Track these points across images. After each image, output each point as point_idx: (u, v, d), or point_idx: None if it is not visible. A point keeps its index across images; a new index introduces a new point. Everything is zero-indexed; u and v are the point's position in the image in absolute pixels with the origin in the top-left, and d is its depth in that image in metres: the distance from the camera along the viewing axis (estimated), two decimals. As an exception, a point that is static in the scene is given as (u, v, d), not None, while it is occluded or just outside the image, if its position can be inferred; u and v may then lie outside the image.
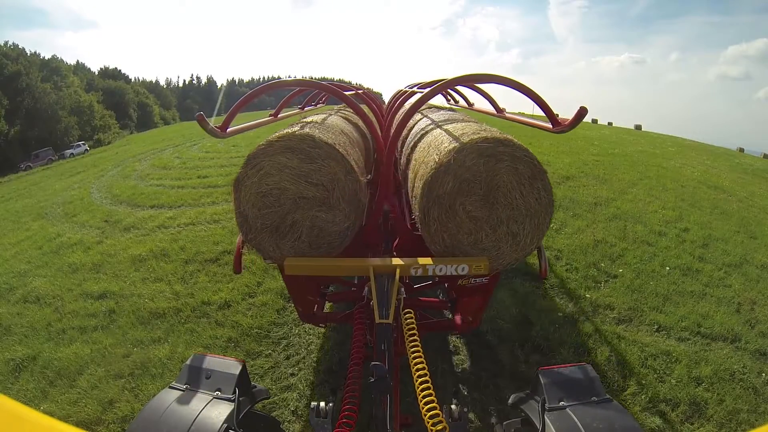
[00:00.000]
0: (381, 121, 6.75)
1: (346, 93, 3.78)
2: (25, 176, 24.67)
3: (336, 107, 5.66)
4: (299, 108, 5.72)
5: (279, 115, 4.33)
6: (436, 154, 2.60)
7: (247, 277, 5.29)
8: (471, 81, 3.27)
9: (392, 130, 4.27)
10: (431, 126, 3.42)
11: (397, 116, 4.53)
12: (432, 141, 2.94)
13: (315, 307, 3.96)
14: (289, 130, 2.78)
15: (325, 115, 3.78)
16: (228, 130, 3.19)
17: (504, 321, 4.36)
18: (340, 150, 2.74)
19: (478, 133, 2.58)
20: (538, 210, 2.71)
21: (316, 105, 6.46)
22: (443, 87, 3.10)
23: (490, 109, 4.42)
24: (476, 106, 5.09)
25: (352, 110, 3.30)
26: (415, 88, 4.95)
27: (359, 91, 5.32)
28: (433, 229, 2.63)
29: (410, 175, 3.08)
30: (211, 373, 1.96)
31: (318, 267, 3.00)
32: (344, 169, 2.72)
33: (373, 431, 2.13)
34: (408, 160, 3.42)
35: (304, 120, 3.46)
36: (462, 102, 5.67)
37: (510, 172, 2.60)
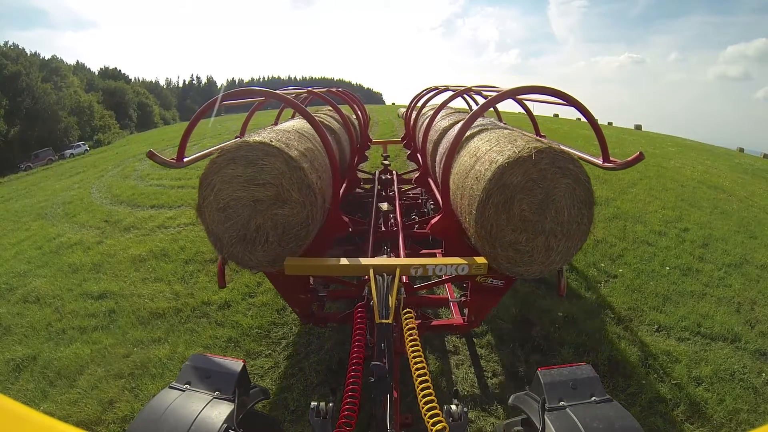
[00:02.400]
0: (364, 115, 7.04)
1: (282, 91, 3.85)
2: (25, 176, 24.67)
3: (315, 110, 5.76)
4: (273, 124, 5.71)
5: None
6: (513, 146, 2.68)
7: (247, 277, 5.28)
8: (533, 92, 3.30)
9: (433, 126, 4.33)
10: (491, 126, 3.51)
11: (440, 116, 4.59)
12: (501, 136, 3.04)
13: (315, 306, 3.97)
14: (229, 143, 2.93)
15: (285, 123, 3.80)
16: (185, 159, 3.32)
17: (504, 321, 4.36)
18: (276, 144, 2.83)
19: (554, 144, 2.71)
20: (575, 234, 2.85)
21: (293, 116, 6.33)
22: (509, 95, 3.24)
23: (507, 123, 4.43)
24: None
25: (301, 115, 3.38)
26: (481, 88, 4.84)
27: (314, 90, 5.30)
28: (487, 213, 2.68)
29: (465, 160, 3.12)
30: (211, 373, 1.96)
31: (318, 267, 3.01)
32: (284, 161, 2.81)
33: (373, 431, 2.13)
34: (461, 147, 3.50)
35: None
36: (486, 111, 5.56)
37: (568, 191, 2.73)
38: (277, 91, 3.67)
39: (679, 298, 4.90)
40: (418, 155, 5.60)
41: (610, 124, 36.63)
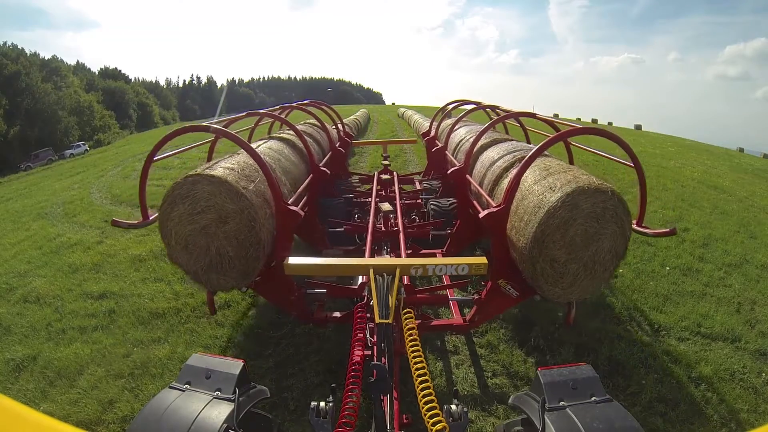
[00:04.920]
0: (337, 120, 8.30)
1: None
2: (25, 176, 24.65)
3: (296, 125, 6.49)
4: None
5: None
6: (589, 178, 3.09)
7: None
8: (586, 133, 3.62)
9: (484, 136, 4.94)
10: (548, 156, 3.91)
11: (484, 137, 5.00)
12: (574, 167, 3.39)
13: (314, 307, 3.97)
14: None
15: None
16: (151, 217, 3.61)
17: (504, 321, 4.36)
18: (199, 172, 3.14)
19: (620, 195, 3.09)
20: (598, 278, 3.16)
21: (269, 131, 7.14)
22: (563, 136, 3.53)
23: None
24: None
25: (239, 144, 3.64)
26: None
27: (263, 111, 6.10)
28: (551, 222, 2.91)
29: (536, 171, 3.41)
30: (211, 373, 1.96)
31: (318, 267, 3.02)
32: (208, 182, 3.11)
33: (373, 431, 2.13)
34: (510, 161, 4.01)
35: None
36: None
37: (612, 237, 3.05)
38: (211, 125, 4.08)
39: (679, 298, 4.89)
40: (447, 153, 6.18)
41: (610, 124, 36.64)
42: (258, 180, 3.47)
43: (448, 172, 5.11)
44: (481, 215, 3.38)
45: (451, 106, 8.03)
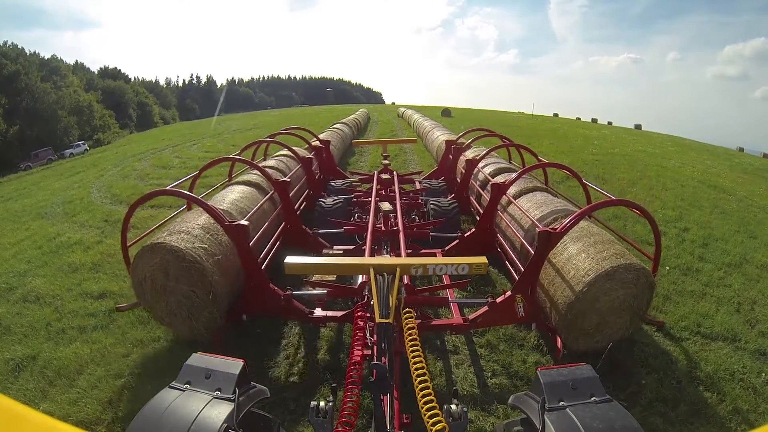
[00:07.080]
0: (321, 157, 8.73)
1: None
2: (25, 176, 24.63)
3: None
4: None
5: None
6: (638, 259, 3.55)
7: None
8: (613, 205, 4.20)
9: (511, 191, 5.28)
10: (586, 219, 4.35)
11: (513, 188, 5.34)
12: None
13: (314, 306, 3.97)
14: None
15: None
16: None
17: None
18: (139, 252, 3.74)
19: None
20: (587, 339, 3.57)
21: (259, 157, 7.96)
22: (593, 208, 3.98)
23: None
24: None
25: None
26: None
27: (235, 156, 6.50)
28: (620, 273, 3.37)
29: (594, 229, 4.02)
30: (211, 373, 1.96)
31: (318, 266, 3.03)
32: (139, 258, 3.75)
33: (373, 431, 2.13)
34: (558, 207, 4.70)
35: None
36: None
37: (624, 322, 3.59)
38: (179, 191, 4.46)
39: (679, 298, 4.89)
40: (479, 167, 6.79)
41: (609, 123, 36.65)
42: (201, 219, 4.07)
43: (490, 182, 5.51)
44: (539, 229, 3.63)
45: (473, 138, 8.68)
